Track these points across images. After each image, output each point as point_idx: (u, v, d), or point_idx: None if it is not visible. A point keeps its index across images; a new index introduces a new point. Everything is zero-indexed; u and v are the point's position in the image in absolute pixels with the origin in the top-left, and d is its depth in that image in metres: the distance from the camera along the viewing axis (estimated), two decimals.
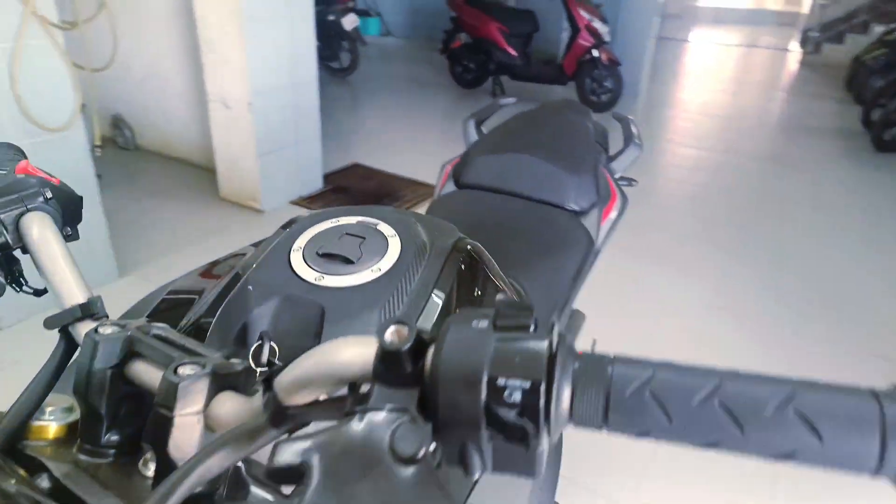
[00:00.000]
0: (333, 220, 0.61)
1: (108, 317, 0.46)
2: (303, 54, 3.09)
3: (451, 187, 1.19)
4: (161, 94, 3.60)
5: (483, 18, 5.44)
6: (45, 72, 2.00)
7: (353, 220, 0.61)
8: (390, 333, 0.32)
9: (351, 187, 3.54)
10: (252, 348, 0.45)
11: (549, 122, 1.30)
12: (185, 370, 0.36)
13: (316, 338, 0.50)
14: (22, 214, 0.48)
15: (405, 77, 6.75)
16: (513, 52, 5.43)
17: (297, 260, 0.55)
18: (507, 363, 0.30)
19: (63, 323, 0.44)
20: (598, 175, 1.18)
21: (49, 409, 0.42)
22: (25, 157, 0.60)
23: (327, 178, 3.56)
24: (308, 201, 3.31)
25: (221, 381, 0.37)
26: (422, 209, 1.53)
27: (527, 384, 0.30)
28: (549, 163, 1.13)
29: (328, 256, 0.56)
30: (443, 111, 5.50)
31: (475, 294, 0.64)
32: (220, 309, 0.52)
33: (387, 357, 0.32)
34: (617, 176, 1.28)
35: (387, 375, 0.32)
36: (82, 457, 0.40)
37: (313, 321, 0.51)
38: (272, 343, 0.45)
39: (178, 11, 3.23)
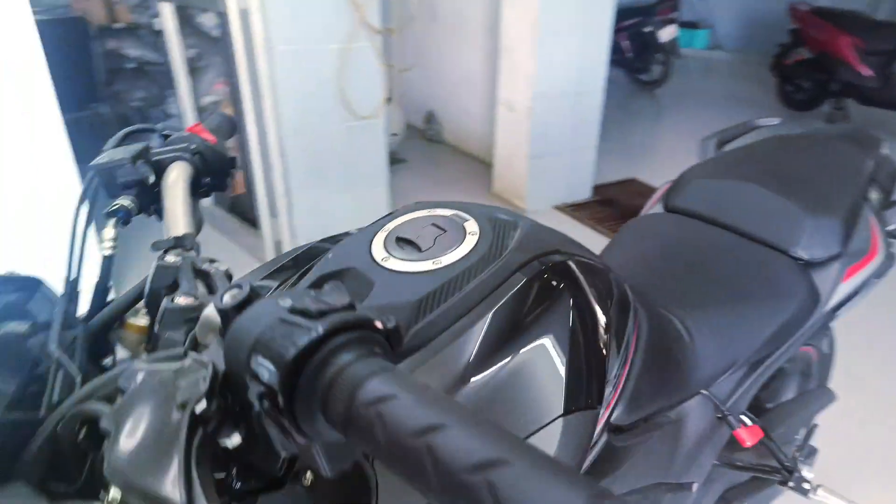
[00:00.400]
0: (430, 210, 0.61)
1: (198, 251, 0.56)
2: (592, 65, 3.08)
3: (658, 209, 1.06)
4: (467, 96, 4.01)
5: (832, 31, 4.58)
6: (364, 70, 2.44)
7: (448, 212, 0.60)
8: (228, 296, 0.34)
9: (619, 201, 3.41)
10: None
11: (806, 149, 1.03)
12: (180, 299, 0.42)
13: None
14: (172, 161, 0.62)
15: (721, 94, 6.14)
16: (867, 72, 4.45)
17: (378, 240, 0.57)
18: (267, 342, 0.29)
19: (160, 248, 0.55)
20: (855, 221, 0.90)
21: (141, 312, 0.53)
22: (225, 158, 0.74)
23: (598, 189, 3.50)
24: (572, 208, 3.31)
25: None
26: None
27: (272, 367, 0.28)
28: (783, 197, 0.91)
29: (404, 241, 0.56)
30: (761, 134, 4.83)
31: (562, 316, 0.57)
32: (300, 269, 0.58)
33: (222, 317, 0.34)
34: (892, 227, 0.96)
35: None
36: (145, 355, 0.49)
37: (362, 296, 0.52)
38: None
39: (490, 24, 3.55)
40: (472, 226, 0.58)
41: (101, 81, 4.43)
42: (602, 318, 0.58)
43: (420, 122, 4.41)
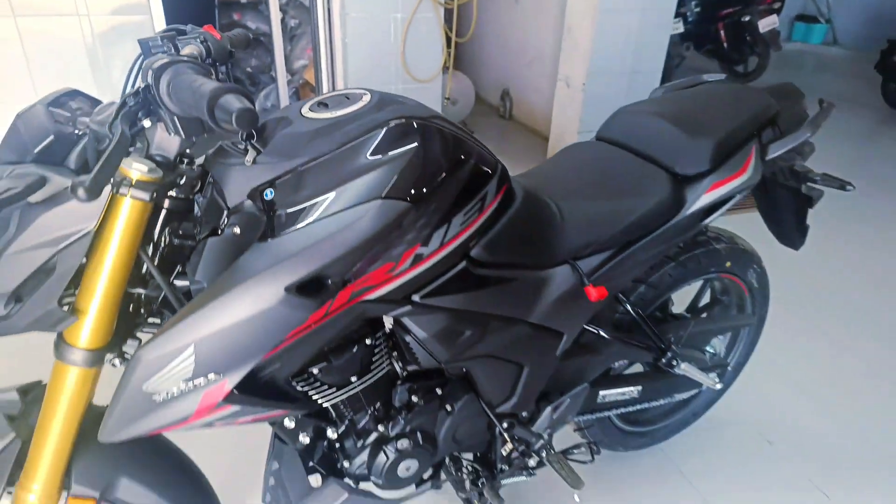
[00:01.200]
0: (350, 90, 0.92)
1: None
2: (650, 45, 3.20)
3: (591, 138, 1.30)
4: (538, 75, 4.22)
5: None
6: (426, 38, 2.77)
7: (358, 90, 0.91)
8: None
9: None
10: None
11: (719, 95, 1.22)
12: None
13: None
14: (185, 45, 0.94)
15: (821, 90, 5.82)
16: None
17: (308, 103, 0.89)
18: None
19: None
20: (730, 148, 1.10)
21: None
22: (234, 31, 1.05)
23: None
24: None
25: None
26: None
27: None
28: (676, 127, 1.13)
29: (323, 105, 0.88)
30: (848, 133, 4.62)
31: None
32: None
33: None
34: (772, 155, 1.13)
35: None
36: None
37: (285, 128, 0.85)
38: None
39: (562, 4, 3.73)
40: (368, 98, 0.88)
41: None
42: (445, 170, 0.85)
43: (497, 99, 4.67)
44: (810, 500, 1.50)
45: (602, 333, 1.20)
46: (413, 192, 0.81)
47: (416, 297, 0.90)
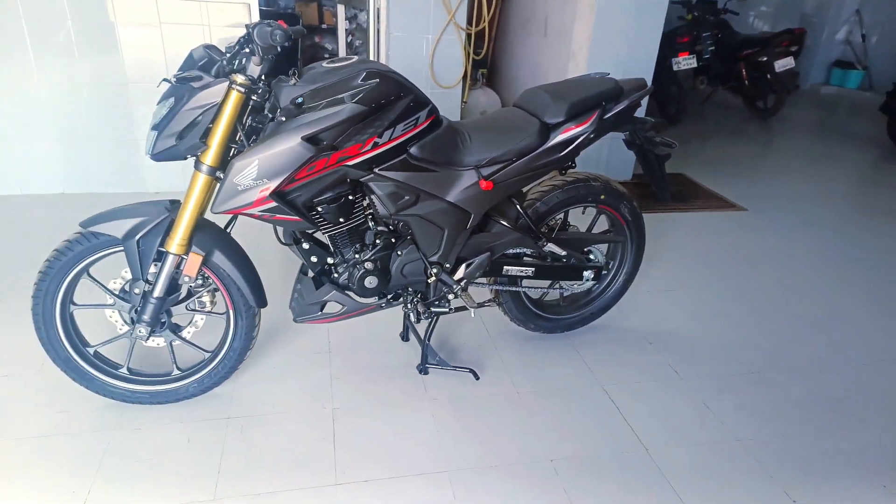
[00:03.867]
0: (351, 56, 1.71)
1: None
2: (637, 72, 3.89)
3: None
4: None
5: None
6: (449, 54, 3.58)
7: (355, 56, 1.70)
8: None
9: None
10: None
11: (586, 81, 1.93)
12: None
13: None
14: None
15: (836, 128, 6.25)
16: None
17: (327, 60, 1.68)
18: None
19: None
20: (580, 109, 1.82)
21: None
22: (294, 30, 1.86)
23: (640, 176, 4.24)
24: None
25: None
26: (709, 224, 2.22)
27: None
28: (547, 95, 1.86)
29: (333, 61, 1.67)
30: (852, 165, 5.07)
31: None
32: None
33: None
34: (610, 115, 1.84)
35: None
36: None
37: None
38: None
39: (566, 32, 4.49)
40: (356, 59, 1.67)
41: (298, 64, 6.05)
42: (392, 97, 1.62)
43: None
44: (667, 379, 2.12)
45: (501, 222, 1.92)
46: (373, 104, 1.58)
47: (376, 169, 1.66)
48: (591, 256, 2.17)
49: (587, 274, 2.11)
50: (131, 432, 1.70)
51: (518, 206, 1.93)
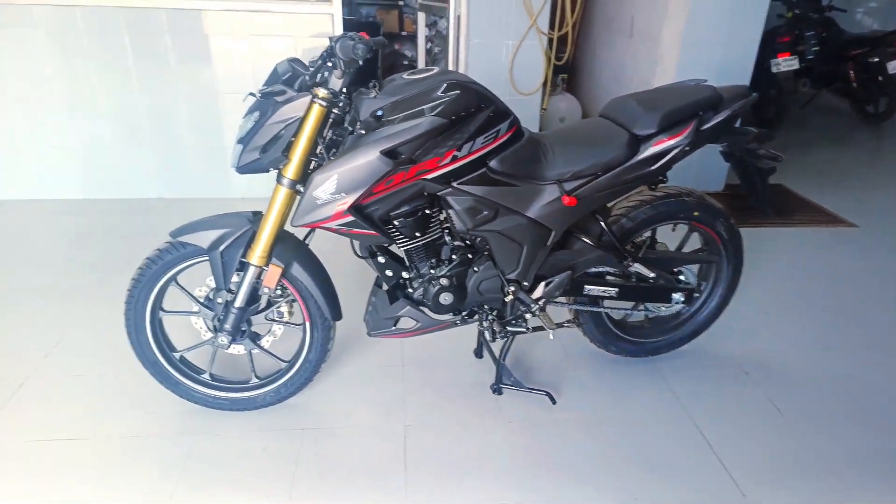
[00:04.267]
0: (431, 67, 1.67)
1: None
2: (732, 74, 3.63)
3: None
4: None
5: None
6: (530, 60, 3.50)
7: (434, 67, 1.65)
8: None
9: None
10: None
11: (681, 88, 1.79)
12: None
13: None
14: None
15: None
16: None
17: (407, 72, 1.65)
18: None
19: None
20: (673, 121, 1.68)
21: None
22: (376, 37, 1.84)
23: (732, 187, 3.97)
24: None
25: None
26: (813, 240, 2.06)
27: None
28: (638, 104, 1.73)
29: (414, 73, 1.63)
30: None
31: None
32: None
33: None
34: (707, 125, 1.69)
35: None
36: None
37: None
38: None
39: (653, 35, 4.26)
40: (436, 70, 1.62)
41: (378, 73, 6.13)
42: (473, 109, 1.56)
43: None
44: (767, 415, 1.94)
45: (583, 239, 1.81)
46: (453, 117, 1.53)
47: (454, 183, 1.61)
48: (682, 277, 2.02)
49: (676, 296, 1.96)
50: (212, 438, 1.74)
51: (602, 223, 1.83)
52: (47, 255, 2.80)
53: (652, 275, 1.90)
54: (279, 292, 1.74)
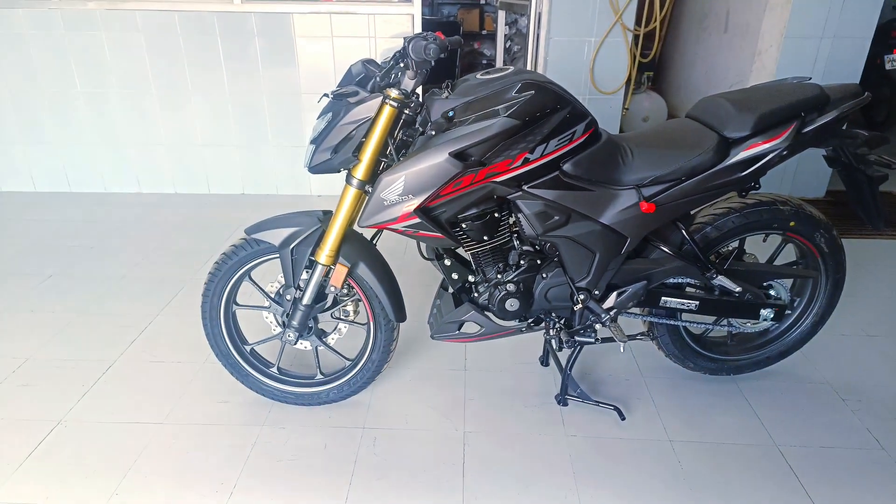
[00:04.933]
0: (506, 66, 1.61)
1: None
2: (841, 70, 3.31)
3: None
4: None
5: None
6: (613, 58, 3.35)
7: (509, 67, 1.60)
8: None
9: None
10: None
11: (782, 87, 1.62)
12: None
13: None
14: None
15: None
16: None
17: (478, 74, 1.60)
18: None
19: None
20: (771, 123, 1.53)
21: None
22: (452, 37, 1.81)
23: (835, 193, 3.63)
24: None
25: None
26: None
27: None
28: (730, 104, 1.60)
29: (488, 73, 1.59)
30: None
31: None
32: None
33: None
34: (810, 128, 1.53)
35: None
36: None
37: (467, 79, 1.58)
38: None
39: (752, 30, 3.97)
40: (511, 69, 1.57)
41: (456, 72, 6.12)
42: (548, 110, 1.49)
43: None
44: (866, 448, 1.75)
45: (662, 247, 1.70)
46: (526, 118, 1.47)
47: (525, 187, 1.55)
48: (772, 292, 1.85)
49: (765, 312, 1.80)
50: (277, 430, 1.79)
51: (683, 231, 1.70)
52: (139, 246, 2.99)
53: (738, 289, 1.75)
54: (345, 291, 1.75)
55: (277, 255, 1.70)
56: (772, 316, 1.80)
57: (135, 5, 3.27)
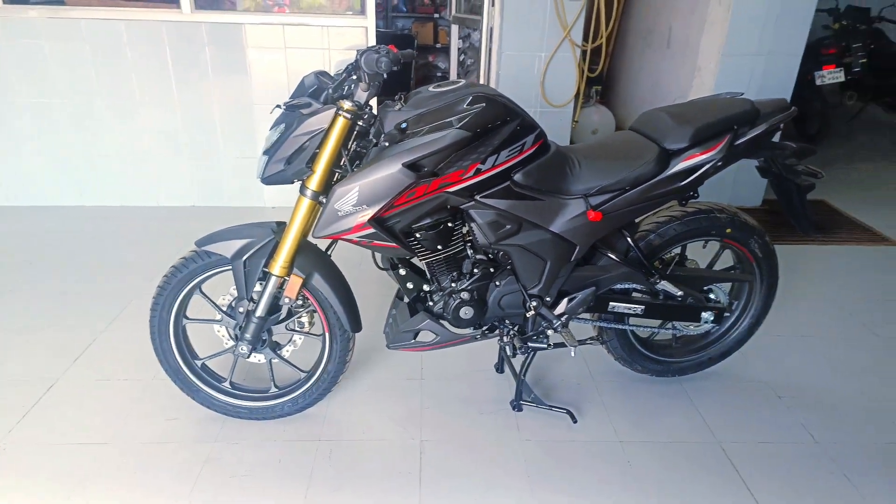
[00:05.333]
0: (457, 80, 1.66)
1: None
2: (775, 87, 3.52)
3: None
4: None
5: None
6: (562, 72, 3.46)
7: (460, 80, 1.64)
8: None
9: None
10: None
11: (716, 101, 1.73)
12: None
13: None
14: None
15: None
16: None
17: (431, 87, 1.64)
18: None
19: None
20: (706, 135, 1.63)
21: None
22: (405, 50, 1.84)
23: (770, 202, 3.84)
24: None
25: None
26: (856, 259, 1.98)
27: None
28: (669, 117, 1.69)
29: (440, 85, 1.62)
30: None
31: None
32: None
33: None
34: (742, 140, 1.63)
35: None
36: None
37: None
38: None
39: (691, 47, 4.17)
40: (462, 83, 1.61)
41: (410, 84, 6.16)
42: (498, 121, 1.54)
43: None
44: (800, 442, 1.85)
45: (609, 254, 1.77)
46: (478, 129, 1.51)
47: (477, 197, 1.59)
48: (712, 296, 1.94)
49: (706, 315, 1.89)
50: (230, 446, 1.75)
51: (629, 239, 1.78)
52: (83, 260, 2.89)
53: (680, 293, 1.84)
54: (300, 303, 1.75)
55: (230, 267, 1.68)
56: (712, 318, 1.90)
57: (79, 14, 3.18)
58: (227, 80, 3.37)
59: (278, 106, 1.59)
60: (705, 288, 1.94)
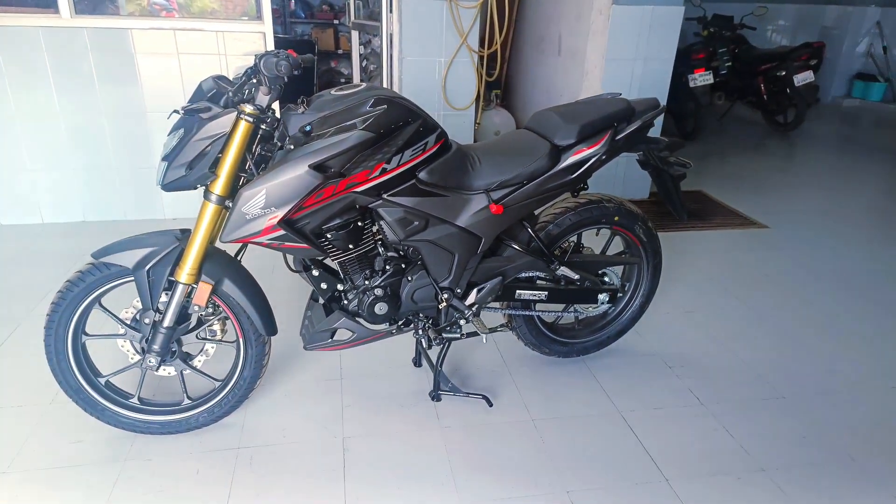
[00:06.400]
0: (359, 83, 1.71)
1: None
2: (652, 87, 3.85)
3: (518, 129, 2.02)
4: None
5: None
6: (462, 77, 3.59)
7: (362, 83, 1.70)
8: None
9: None
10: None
11: (597, 101, 1.91)
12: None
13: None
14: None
15: (861, 142, 6.12)
16: None
17: (336, 88, 1.69)
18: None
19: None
20: (592, 132, 1.79)
21: None
22: (305, 55, 1.88)
23: (656, 194, 4.18)
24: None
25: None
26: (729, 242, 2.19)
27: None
28: (558, 116, 1.84)
29: (342, 88, 1.67)
30: (872, 174, 4.94)
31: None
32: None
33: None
34: (622, 136, 1.81)
35: None
36: None
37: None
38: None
39: (579, 53, 4.47)
40: (364, 86, 1.67)
41: (314, 89, 6.12)
42: (400, 123, 1.61)
43: None
44: (688, 405, 2.06)
45: (513, 245, 1.89)
46: (381, 130, 1.57)
47: (385, 195, 1.65)
48: (606, 279, 2.12)
49: (602, 297, 2.06)
50: (142, 463, 1.69)
51: (530, 230, 1.91)
52: None
53: (578, 277, 2.00)
54: (210, 310, 1.72)
55: (131, 279, 1.62)
56: (607, 299, 2.07)
57: None
58: (115, 88, 3.20)
59: (176, 111, 1.57)
60: (600, 272, 2.11)
